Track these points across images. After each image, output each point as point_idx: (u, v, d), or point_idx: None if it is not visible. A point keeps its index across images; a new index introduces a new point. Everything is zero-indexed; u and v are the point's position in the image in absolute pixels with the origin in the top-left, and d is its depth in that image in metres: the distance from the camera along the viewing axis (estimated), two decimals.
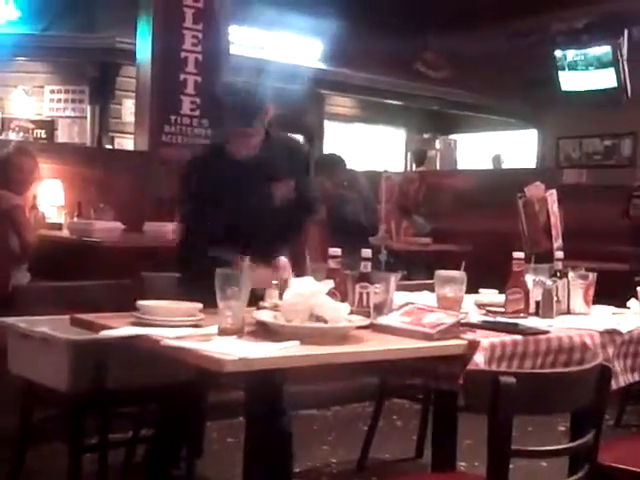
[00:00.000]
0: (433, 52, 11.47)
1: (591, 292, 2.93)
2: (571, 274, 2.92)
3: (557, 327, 2.55)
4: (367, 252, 2.50)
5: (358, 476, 3.64)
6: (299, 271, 2.77)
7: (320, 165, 6.00)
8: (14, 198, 4.46)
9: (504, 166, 10.79)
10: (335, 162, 5.82)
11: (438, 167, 11.66)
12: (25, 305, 3.10)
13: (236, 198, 2.95)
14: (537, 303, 2.77)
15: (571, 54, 10.41)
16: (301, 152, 3.21)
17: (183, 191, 3.12)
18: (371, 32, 10.01)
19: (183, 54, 5.79)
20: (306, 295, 2.23)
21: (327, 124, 11.90)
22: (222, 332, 2.15)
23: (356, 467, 3.73)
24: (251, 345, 2.06)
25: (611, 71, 10.09)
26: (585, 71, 10.34)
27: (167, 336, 2.12)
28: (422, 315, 2.37)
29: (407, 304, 2.47)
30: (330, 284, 2.30)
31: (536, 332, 2.42)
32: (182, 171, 3.15)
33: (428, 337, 2.25)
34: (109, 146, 9.52)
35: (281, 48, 10.47)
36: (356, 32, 10.00)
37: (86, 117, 9.95)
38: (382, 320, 2.39)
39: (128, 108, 9.41)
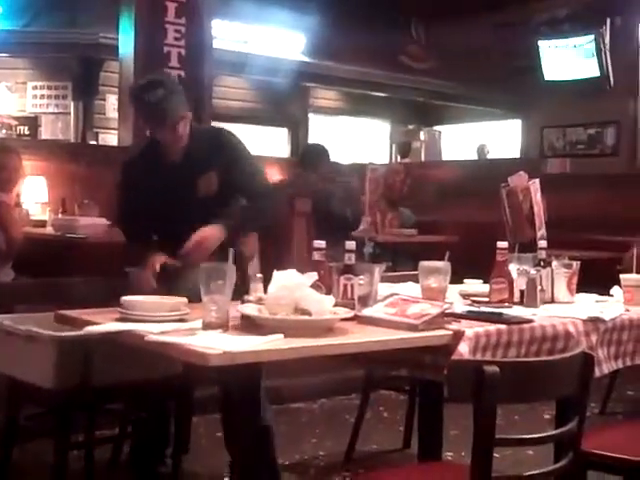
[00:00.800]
0: (417, 44, 11.47)
1: (575, 280, 2.95)
2: (555, 263, 2.93)
3: (541, 316, 2.57)
4: (351, 244, 2.50)
5: (346, 468, 3.65)
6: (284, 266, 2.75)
7: (304, 156, 6.00)
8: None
9: (489, 156, 10.82)
10: (319, 152, 5.79)
11: (423, 158, 11.67)
12: (9, 302, 3.08)
13: (159, 197, 3.02)
14: (521, 292, 2.79)
15: (554, 43, 10.44)
16: (223, 142, 3.13)
17: (118, 194, 3.26)
18: (354, 24, 10.01)
19: (166, 49, 5.76)
20: (290, 288, 2.23)
21: (312, 117, 11.89)
22: (207, 326, 2.15)
23: (344, 459, 3.74)
24: (235, 339, 2.06)
25: (594, 60, 10.14)
26: (568, 61, 10.37)
27: (151, 331, 2.11)
28: (407, 306, 2.38)
29: (391, 295, 2.48)
30: (314, 277, 2.30)
31: (520, 321, 2.43)
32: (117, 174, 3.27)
33: (413, 328, 2.26)
34: (93, 142, 9.48)
35: (264, 42, 10.45)
36: (339, 25, 9.99)
37: (70, 113, 9.90)
38: (367, 312, 2.39)
39: (112, 104, 9.37)
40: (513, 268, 2.82)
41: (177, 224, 2.99)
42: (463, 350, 2.22)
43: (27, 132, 9.69)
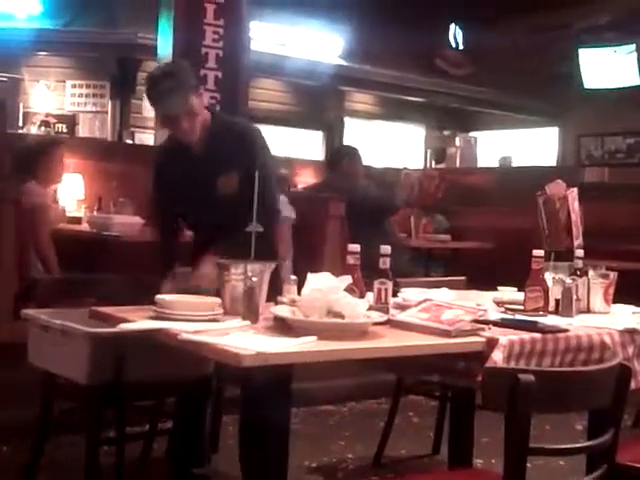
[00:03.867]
0: (454, 49, 11.42)
1: (611, 291, 2.91)
2: (591, 272, 2.90)
3: (576, 326, 2.54)
4: (386, 249, 2.49)
5: (374, 472, 3.63)
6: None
7: (331, 158, 6.00)
8: (40, 194, 4.45)
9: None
10: (346, 154, 5.75)
11: (458, 164, 11.62)
12: (44, 298, 3.11)
13: (184, 189, 3.02)
14: (557, 301, 2.76)
15: (594, 51, 10.33)
16: (248, 141, 3.05)
17: (152, 183, 3.22)
18: (391, 29, 9.99)
19: (204, 50, 5.79)
20: (324, 291, 2.23)
21: (347, 121, 11.89)
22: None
23: (372, 463, 3.72)
24: (268, 340, 2.06)
25: (634, 69, 10.01)
26: (608, 68, 10.26)
27: (185, 330, 2.12)
28: (440, 312, 2.37)
29: (425, 300, 2.46)
30: (348, 280, 2.30)
31: (555, 330, 2.41)
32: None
33: (446, 334, 2.25)
34: (129, 141, 9.56)
35: (301, 44, 10.47)
36: (376, 29, 9.98)
37: (107, 112, 10.01)
38: (400, 316, 2.39)
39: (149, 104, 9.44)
40: (549, 277, 2.80)
41: (205, 211, 3.01)
42: (497, 358, 2.20)
43: (65, 130, 9.82)
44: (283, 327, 2.21)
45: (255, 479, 2.69)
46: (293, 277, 2.57)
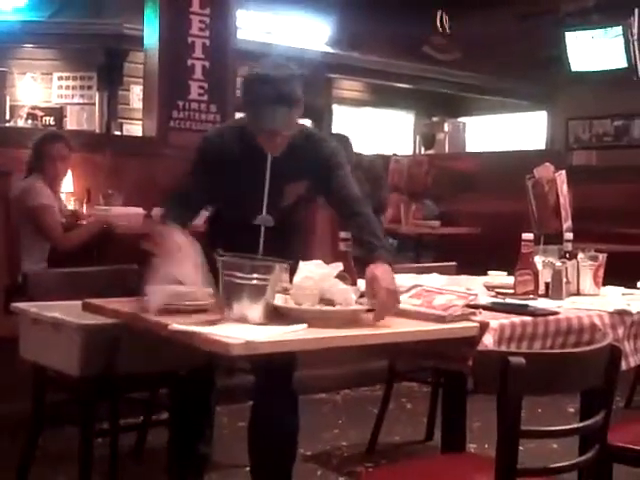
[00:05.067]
0: (441, 35, 11.40)
1: (601, 273, 2.93)
2: (580, 255, 2.91)
3: (566, 308, 2.55)
4: None
5: (368, 459, 3.65)
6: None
7: None
8: (43, 196, 4.35)
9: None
10: (338, 142, 5.72)
11: (447, 150, 11.62)
12: (36, 292, 3.10)
13: (241, 185, 2.71)
14: (547, 284, 2.77)
15: (581, 34, 10.33)
16: (327, 153, 2.75)
17: (192, 163, 2.79)
18: (378, 15, 9.96)
19: (190, 39, 5.76)
20: (316, 279, 2.23)
21: (335, 108, 11.86)
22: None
23: (366, 450, 3.74)
24: (259, 328, 2.06)
25: (621, 51, 10.01)
26: (595, 51, 10.26)
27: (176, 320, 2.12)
28: (431, 297, 2.37)
29: (415, 286, 2.47)
30: (339, 267, 2.30)
31: (546, 313, 2.42)
32: (197, 145, 2.82)
33: (440, 319, 2.25)
34: (118, 132, 9.52)
35: (288, 32, 10.44)
36: (363, 15, 9.95)
37: (94, 104, 9.96)
38: None
39: (136, 94, 9.41)
40: (538, 260, 2.81)
41: (254, 214, 2.70)
42: (487, 341, 2.21)
43: (52, 122, 9.77)
44: (275, 316, 2.20)
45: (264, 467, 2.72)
46: (285, 265, 2.57)
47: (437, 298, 2.36)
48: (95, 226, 4.55)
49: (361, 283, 2.45)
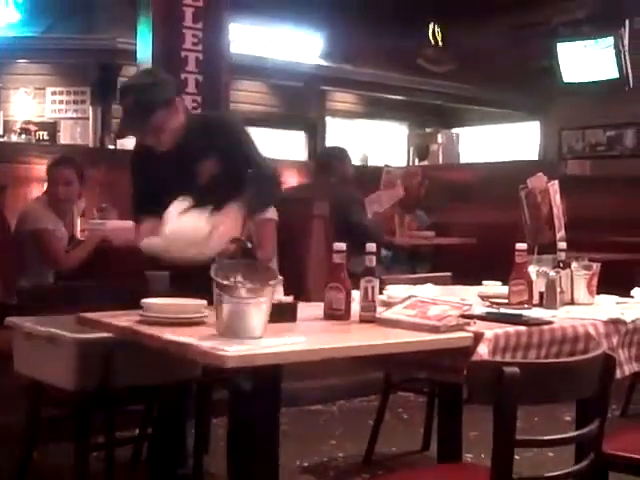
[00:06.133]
0: (434, 47, 11.46)
1: (594, 282, 2.94)
2: (574, 264, 2.92)
3: (561, 317, 2.56)
4: (372, 246, 2.50)
5: (365, 470, 3.64)
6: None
7: (320, 159, 5.99)
8: (40, 221, 4.35)
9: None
10: (335, 155, 5.72)
11: (441, 161, 11.65)
12: (32, 307, 3.10)
13: (163, 188, 2.90)
14: (541, 294, 2.78)
15: (572, 45, 10.39)
16: (222, 127, 3.06)
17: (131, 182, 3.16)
18: (371, 28, 10.01)
19: (183, 53, 5.77)
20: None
21: (329, 120, 11.89)
22: None
23: (363, 461, 3.73)
24: (254, 340, 2.06)
25: (613, 62, 10.08)
26: (587, 62, 10.32)
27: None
28: (426, 308, 2.38)
29: (409, 297, 2.47)
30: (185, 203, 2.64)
31: (540, 323, 2.43)
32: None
33: (435, 330, 2.26)
34: (111, 146, 9.53)
35: (281, 45, 10.47)
36: (356, 28, 10.00)
37: (88, 118, 9.96)
38: (386, 314, 2.40)
39: None
40: (532, 270, 2.81)
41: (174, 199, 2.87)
42: (482, 351, 2.21)
43: (46, 137, 9.77)
44: (271, 329, 2.20)
45: None
46: (279, 277, 2.57)
47: (432, 309, 2.36)
48: (91, 243, 4.55)
49: (355, 294, 2.46)
